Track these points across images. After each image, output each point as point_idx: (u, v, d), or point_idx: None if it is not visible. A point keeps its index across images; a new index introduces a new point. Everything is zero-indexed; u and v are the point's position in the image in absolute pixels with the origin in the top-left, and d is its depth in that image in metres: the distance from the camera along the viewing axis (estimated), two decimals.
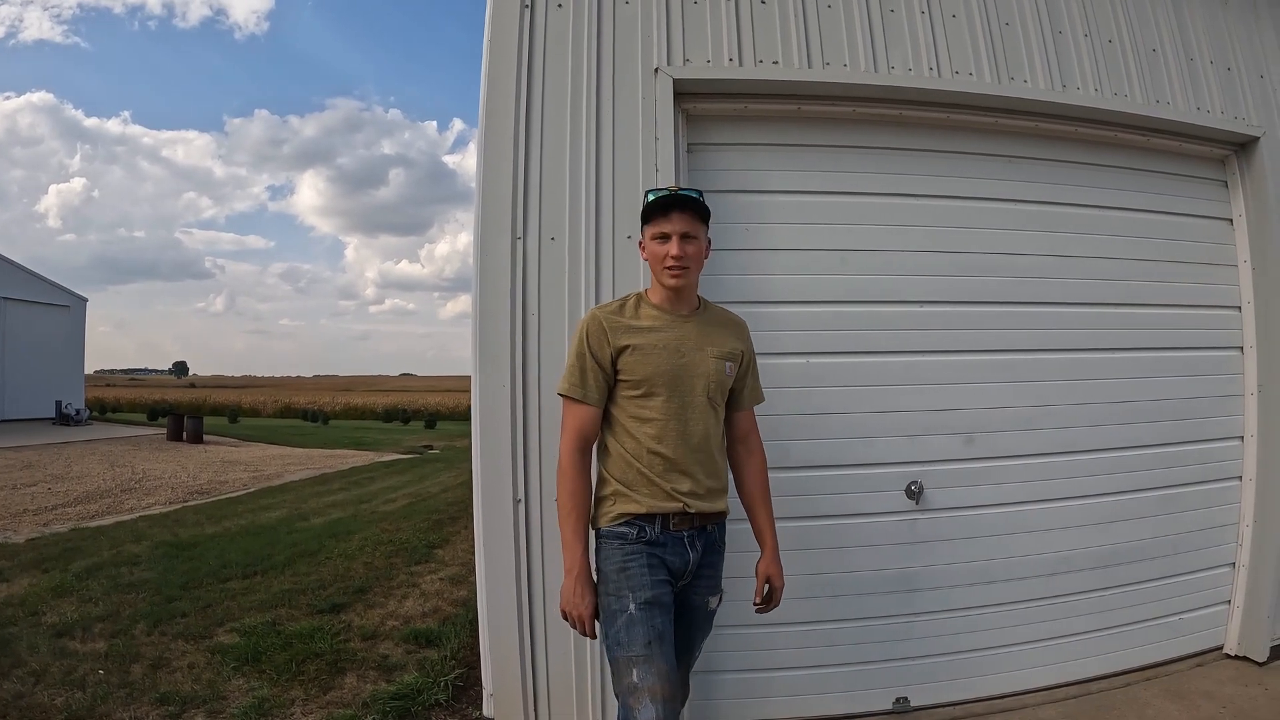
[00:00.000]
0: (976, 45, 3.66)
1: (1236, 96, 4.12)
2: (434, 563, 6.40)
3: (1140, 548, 3.88)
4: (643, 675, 2.22)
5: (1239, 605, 4.04)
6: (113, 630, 4.60)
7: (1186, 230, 4.08)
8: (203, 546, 6.97)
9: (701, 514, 2.50)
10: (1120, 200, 3.95)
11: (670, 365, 2.46)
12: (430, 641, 4.42)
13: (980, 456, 3.64)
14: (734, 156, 3.51)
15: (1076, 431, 3.79)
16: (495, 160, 3.15)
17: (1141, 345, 3.94)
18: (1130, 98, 3.86)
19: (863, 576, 3.52)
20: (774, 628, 3.38)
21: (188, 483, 11.56)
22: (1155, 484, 3.92)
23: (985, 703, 3.64)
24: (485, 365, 3.08)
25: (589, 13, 3.30)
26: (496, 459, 3.07)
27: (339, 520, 8.51)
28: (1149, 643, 3.91)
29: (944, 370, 3.63)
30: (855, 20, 3.53)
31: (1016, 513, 3.69)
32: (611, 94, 3.26)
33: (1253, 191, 4.10)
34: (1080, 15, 3.87)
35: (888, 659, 3.56)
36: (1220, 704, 3.56)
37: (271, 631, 4.55)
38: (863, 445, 3.53)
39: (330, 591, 5.42)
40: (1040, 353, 3.76)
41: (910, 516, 3.56)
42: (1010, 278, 3.73)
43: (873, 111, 3.59)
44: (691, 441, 2.47)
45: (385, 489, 11.33)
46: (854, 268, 3.55)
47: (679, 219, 2.46)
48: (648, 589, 2.37)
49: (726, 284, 3.34)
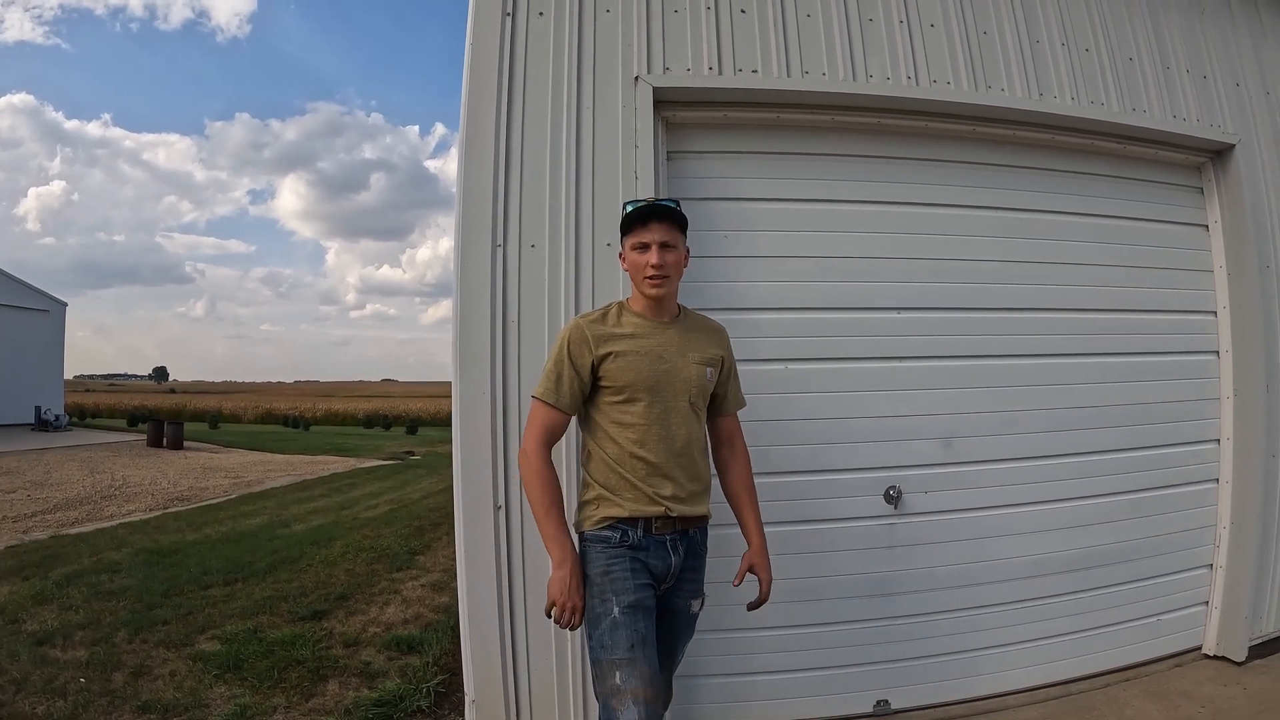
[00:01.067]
0: (954, 54, 3.69)
1: (1213, 104, 4.17)
2: (416, 569, 6.40)
3: (1118, 550, 3.92)
4: (626, 678, 2.24)
5: (1217, 606, 4.08)
6: (94, 638, 4.58)
7: (1163, 236, 4.13)
8: (184, 553, 6.95)
9: (684, 518, 2.52)
10: (1097, 207, 4.00)
11: (652, 371, 2.48)
12: (412, 648, 4.42)
13: (958, 461, 3.67)
14: (714, 164, 3.52)
15: (1054, 436, 3.82)
16: (476, 167, 3.15)
17: (1118, 350, 3.97)
18: (1107, 106, 3.91)
19: (843, 580, 3.54)
20: (756, 632, 3.41)
21: (168, 489, 11.51)
22: (1133, 487, 3.96)
23: (966, 704, 3.66)
24: (466, 372, 3.08)
25: (570, 21, 3.31)
26: (477, 465, 3.07)
27: (320, 527, 8.50)
28: (1128, 644, 3.94)
29: (922, 376, 3.65)
30: (834, 29, 3.55)
31: (995, 516, 3.71)
32: (592, 102, 3.27)
33: (1228, 198, 4.15)
34: (1057, 24, 3.91)
35: (868, 662, 3.57)
36: (1199, 703, 3.59)
37: (253, 639, 4.54)
38: (842, 450, 3.54)
39: (312, 598, 5.41)
40: (1018, 358, 3.79)
41: (889, 521, 3.58)
42: (988, 284, 3.76)
43: (852, 120, 3.61)
44: (674, 446, 2.50)
45: (367, 495, 11.32)
46: (833, 274, 3.57)
47: (658, 228, 2.50)
48: (630, 593, 2.39)
49: (707, 291, 3.36)
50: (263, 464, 16.19)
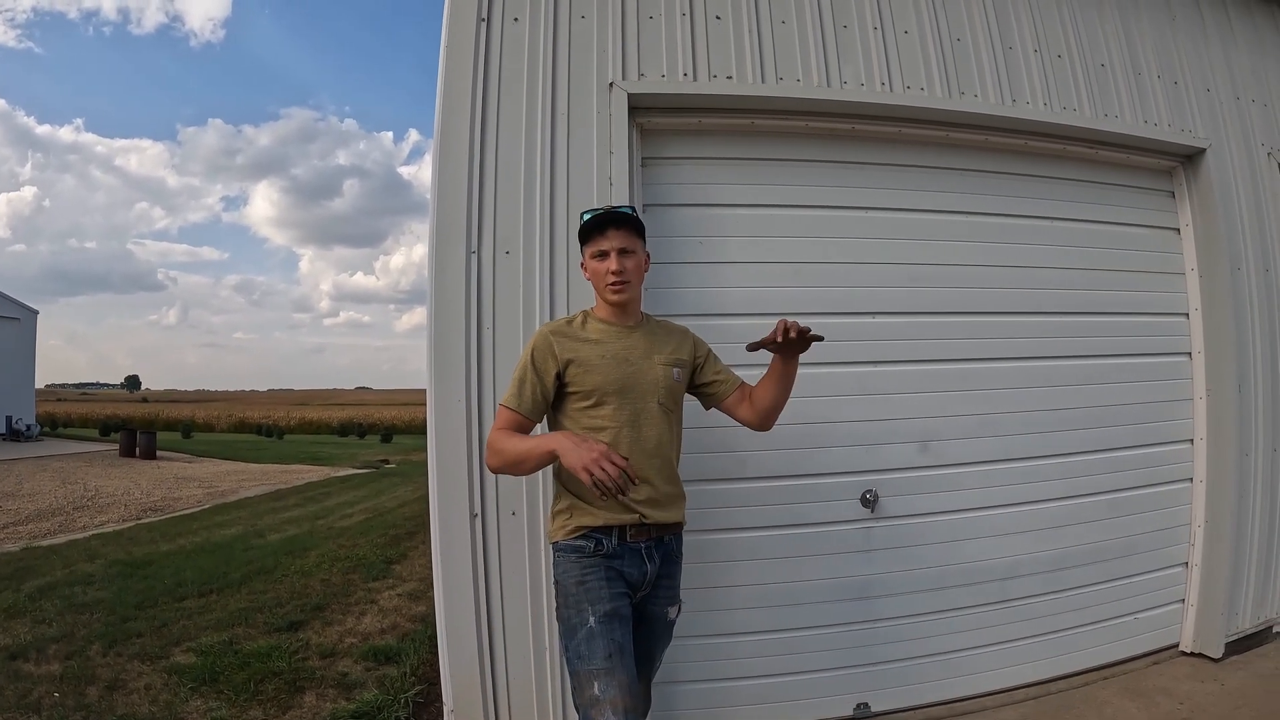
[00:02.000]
0: (928, 61, 3.71)
1: (1183, 109, 4.22)
2: (392, 578, 6.36)
3: (1095, 550, 3.95)
4: (604, 688, 2.24)
5: (1193, 604, 4.13)
6: (67, 651, 4.52)
7: (1135, 240, 4.18)
8: (157, 565, 6.87)
9: (658, 525, 2.52)
10: (1070, 211, 4.03)
11: (619, 374, 2.49)
12: (389, 658, 4.38)
13: (934, 464, 3.68)
14: (688, 170, 3.52)
15: (1029, 438, 3.85)
16: (450, 174, 3.13)
17: (1092, 352, 4.01)
18: (1079, 111, 3.95)
19: (821, 585, 3.54)
20: (735, 637, 3.42)
21: (141, 500, 11.40)
22: (1108, 487, 4.00)
23: (945, 706, 3.68)
24: (440, 379, 3.06)
25: (545, 27, 3.30)
26: (452, 473, 3.05)
27: (295, 537, 8.44)
28: (1106, 642, 3.97)
29: (897, 380, 3.66)
30: (809, 36, 3.56)
31: (972, 519, 3.73)
32: (567, 108, 3.26)
33: (1199, 202, 4.21)
34: (1030, 31, 3.95)
35: (848, 665, 3.57)
36: (1178, 700, 3.63)
37: (229, 651, 4.49)
38: (818, 455, 3.55)
39: (287, 609, 5.36)
40: (992, 361, 3.81)
41: (867, 524, 3.58)
42: (961, 288, 3.78)
43: (826, 126, 3.62)
44: (646, 446, 2.50)
45: (342, 504, 11.27)
46: (807, 280, 3.57)
47: (615, 235, 2.52)
48: (606, 601, 2.39)
49: (682, 297, 3.36)
50: (236, 473, 16.09)
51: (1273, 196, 4.39)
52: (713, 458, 3.36)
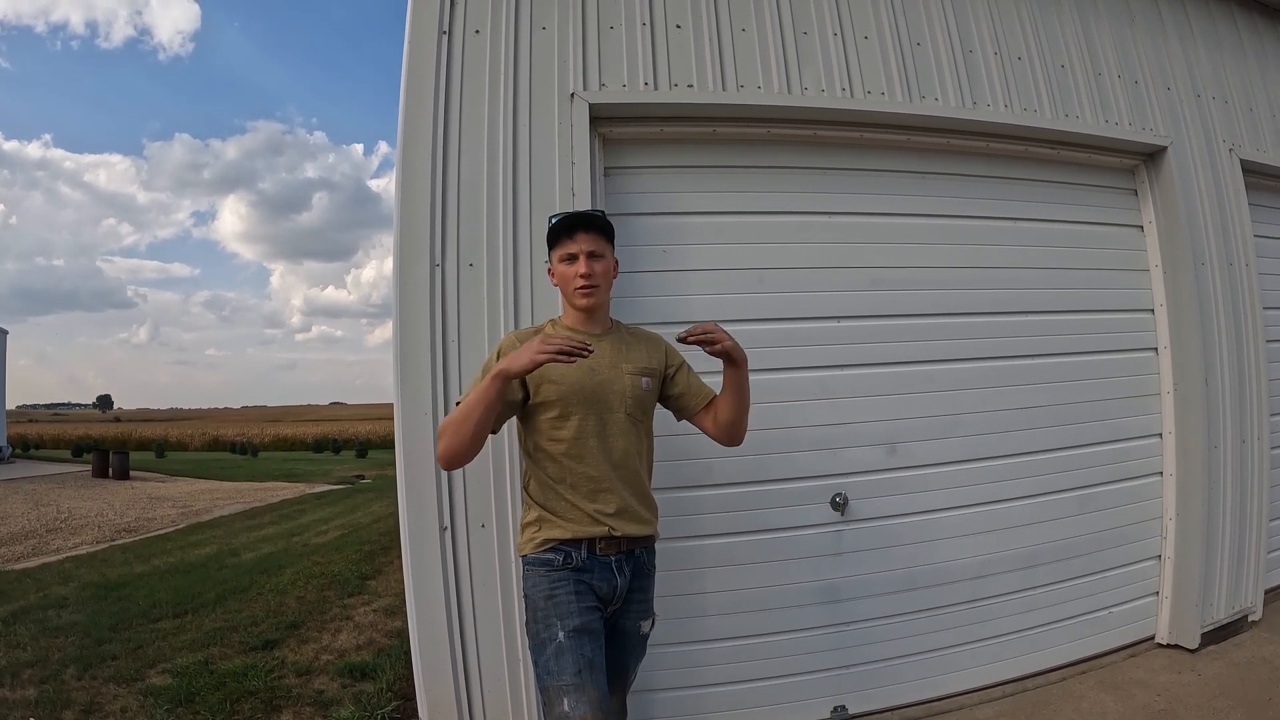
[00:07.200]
0: (888, 65, 3.73)
1: (1144, 108, 4.27)
2: (367, 594, 6.31)
3: (1067, 545, 3.98)
4: (574, 704, 2.20)
5: (1168, 596, 4.17)
6: (42, 675, 4.45)
7: (1099, 238, 4.22)
8: (132, 586, 6.81)
9: (629, 538, 2.49)
10: (1033, 211, 4.06)
11: (586, 383, 2.45)
12: (366, 674, 4.35)
13: (903, 466, 3.69)
14: (651, 179, 3.52)
15: (998, 437, 3.87)
16: (413, 187, 3.12)
17: (1059, 350, 4.04)
18: (1040, 113, 3.98)
19: (793, 589, 3.54)
20: (708, 644, 3.42)
21: (115, 521, 11.31)
22: (1078, 484, 4.03)
23: (922, 706, 3.69)
24: (407, 392, 3.04)
25: (506, 38, 3.29)
26: (421, 487, 3.03)
27: (270, 555, 8.38)
28: (1082, 637, 4.00)
29: (863, 383, 3.67)
30: (769, 43, 3.58)
31: (941, 519, 3.75)
32: (529, 119, 3.25)
33: (1162, 199, 4.25)
34: (990, 34, 3.98)
35: (823, 669, 3.58)
36: (1155, 692, 3.66)
37: (204, 671, 4.44)
38: (786, 460, 3.55)
39: (263, 628, 5.31)
40: (958, 362, 3.82)
41: (837, 528, 3.59)
42: (925, 290, 3.80)
43: (787, 132, 3.63)
44: (613, 457, 2.47)
45: (316, 521, 11.23)
46: (771, 286, 3.57)
47: (584, 238, 2.48)
48: (575, 616, 2.35)
49: (645, 305, 3.36)
50: (210, 492, 16.01)
51: (1234, 192, 4.45)
52: (677, 466, 3.35)
